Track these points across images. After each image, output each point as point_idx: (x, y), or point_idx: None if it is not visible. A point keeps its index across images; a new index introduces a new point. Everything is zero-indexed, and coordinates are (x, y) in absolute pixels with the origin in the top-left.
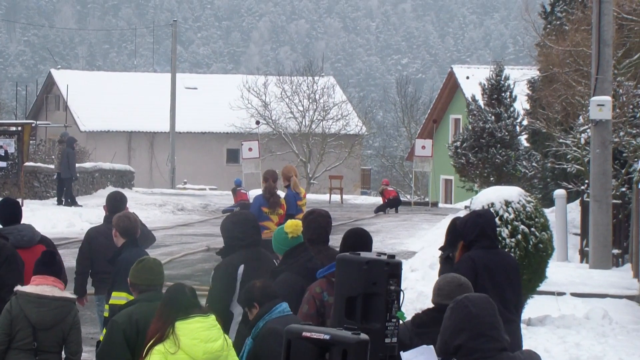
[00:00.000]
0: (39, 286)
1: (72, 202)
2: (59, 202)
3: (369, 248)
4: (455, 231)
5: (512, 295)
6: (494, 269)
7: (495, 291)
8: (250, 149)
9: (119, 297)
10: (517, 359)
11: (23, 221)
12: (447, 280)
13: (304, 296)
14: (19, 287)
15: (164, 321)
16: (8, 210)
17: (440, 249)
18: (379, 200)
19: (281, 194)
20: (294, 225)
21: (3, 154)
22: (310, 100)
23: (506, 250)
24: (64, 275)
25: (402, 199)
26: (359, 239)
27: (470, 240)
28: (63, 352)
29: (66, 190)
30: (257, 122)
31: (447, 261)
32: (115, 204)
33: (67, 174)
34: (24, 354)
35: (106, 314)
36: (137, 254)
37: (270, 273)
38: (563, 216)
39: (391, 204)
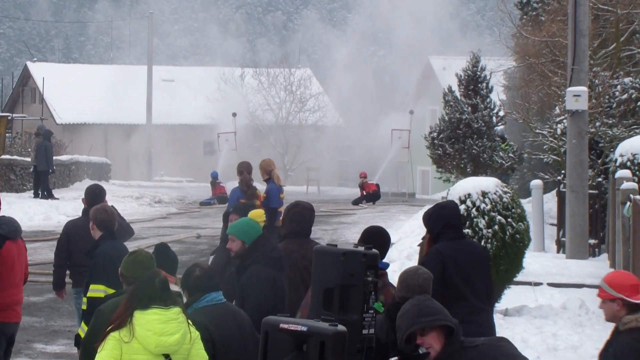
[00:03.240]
0: None
1: (48, 195)
2: (36, 195)
3: (386, 247)
4: None
5: (482, 285)
6: (461, 260)
7: (465, 282)
8: (226, 140)
9: (97, 290)
10: (476, 344)
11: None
12: (409, 274)
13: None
14: None
15: (126, 309)
16: None
17: (423, 238)
18: (356, 191)
19: (259, 186)
20: (260, 216)
21: None
22: (287, 92)
23: (482, 241)
24: None
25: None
26: (378, 238)
27: (436, 232)
28: None
29: (43, 183)
30: (234, 114)
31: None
32: (94, 196)
33: (44, 166)
34: None
35: (84, 306)
36: (115, 246)
37: (235, 266)
38: (540, 206)
39: (370, 197)
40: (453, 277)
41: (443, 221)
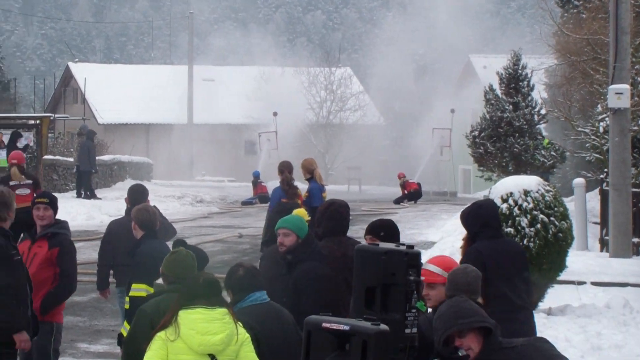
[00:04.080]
0: None
1: (91, 195)
2: (78, 195)
3: (396, 239)
4: None
5: (522, 283)
6: (500, 259)
7: (505, 281)
8: (268, 140)
9: (139, 289)
10: (514, 345)
11: None
12: (457, 273)
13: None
14: None
15: (173, 308)
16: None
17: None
18: (397, 190)
19: (301, 186)
20: (305, 214)
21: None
22: (328, 91)
23: (525, 240)
24: None
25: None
26: (387, 230)
27: (474, 232)
28: None
29: (85, 183)
30: (275, 114)
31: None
32: (137, 196)
33: (87, 166)
34: None
35: (127, 306)
36: (156, 246)
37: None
38: (582, 205)
39: (411, 196)
40: (493, 276)
41: (481, 220)
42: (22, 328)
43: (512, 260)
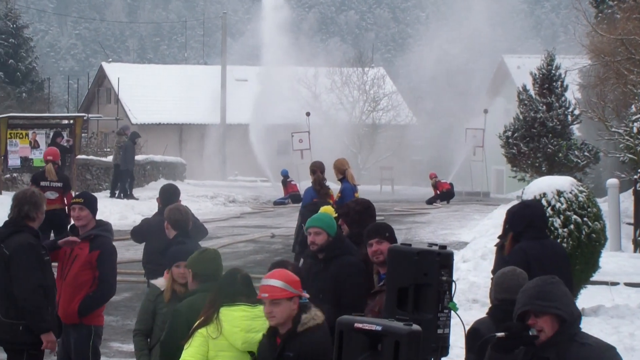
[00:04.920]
0: None
1: (128, 195)
2: (112, 195)
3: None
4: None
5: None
6: (545, 259)
7: None
8: (300, 140)
9: None
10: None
11: None
12: (507, 276)
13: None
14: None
15: (211, 305)
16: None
17: (499, 237)
18: (430, 190)
19: (333, 186)
20: (332, 212)
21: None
22: (361, 91)
23: (558, 240)
24: None
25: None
26: (391, 231)
27: (518, 231)
28: None
29: (122, 183)
30: (307, 114)
31: (500, 250)
32: (169, 196)
33: (126, 166)
34: None
35: None
36: (189, 246)
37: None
38: (616, 206)
39: (443, 196)
40: (536, 276)
41: (526, 220)
42: (50, 328)
43: (556, 261)
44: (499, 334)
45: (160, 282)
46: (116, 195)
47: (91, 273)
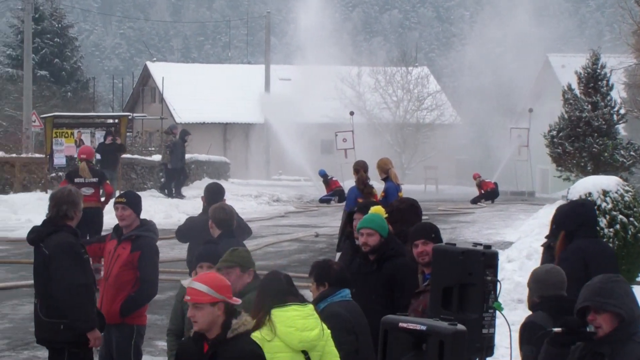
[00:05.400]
0: None
1: (173, 194)
2: (170, 195)
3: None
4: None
5: None
6: (600, 259)
7: None
8: (344, 140)
9: None
10: None
11: None
12: (549, 272)
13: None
14: None
15: (260, 308)
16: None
17: (546, 237)
18: (474, 190)
19: (376, 185)
20: (383, 212)
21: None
22: (404, 91)
23: (604, 240)
24: None
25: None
26: (437, 232)
27: (571, 230)
28: None
29: (175, 181)
30: (351, 113)
31: (548, 250)
32: (214, 195)
33: (175, 164)
34: None
35: None
36: (229, 244)
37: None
38: None
39: (488, 195)
40: (593, 275)
41: (580, 219)
42: (95, 326)
43: (609, 261)
44: (557, 329)
45: (188, 282)
46: (173, 194)
47: (133, 273)
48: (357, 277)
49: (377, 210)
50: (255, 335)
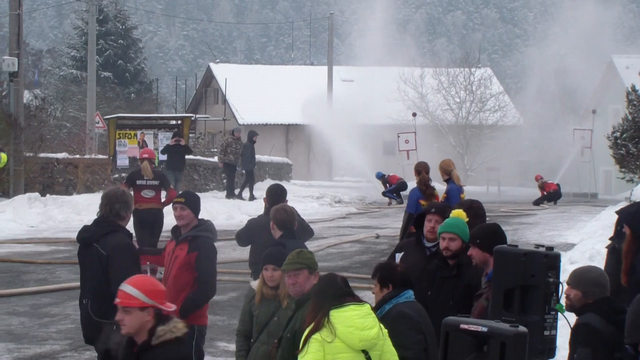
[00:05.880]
0: None
1: (234, 195)
2: (251, 198)
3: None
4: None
5: None
6: None
7: None
8: (406, 141)
9: None
10: None
11: None
12: (598, 273)
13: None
14: None
15: (318, 310)
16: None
17: (610, 239)
18: (537, 192)
19: (438, 187)
20: (465, 216)
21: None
22: (467, 92)
23: None
24: None
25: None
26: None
27: None
28: None
29: (250, 182)
30: (414, 114)
31: (613, 252)
32: (276, 196)
33: (247, 166)
34: None
35: None
36: (294, 246)
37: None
38: None
39: (550, 197)
40: None
41: None
42: None
43: None
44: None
45: (256, 284)
46: (250, 196)
47: (191, 274)
48: (434, 281)
49: (459, 214)
50: (316, 338)
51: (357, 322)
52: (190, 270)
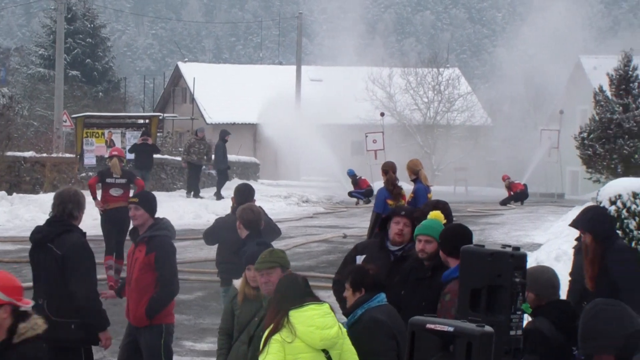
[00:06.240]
0: None
1: (199, 194)
2: (218, 197)
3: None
4: None
5: None
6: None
7: None
8: (374, 141)
9: None
10: None
11: None
12: (547, 272)
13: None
14: None
15: (278, 311)
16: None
17: (577, 239)
18: (504, 192)
19: (406, 186)
20: (442, 218)
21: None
22: (435, 92)
23: (633, 242)
24: None
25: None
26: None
27: (609, 234)
28: None
29: (223, 182)
30: (382, 114)
31: (579, 252)
32: (243, 195)
33: (220, 165)
34: None
35: None
36: (261, 246)
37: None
38: None
39: (517, 197)
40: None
41: (611, 222)
42: (108, 325)
43: None
44: None
45: (239, 283)
46: (216, 195)
47: (152, 275)
48: (408, 282)
49: (436, 216)
50: (276, 338)
51: (317, 321)
52: (151, 271)
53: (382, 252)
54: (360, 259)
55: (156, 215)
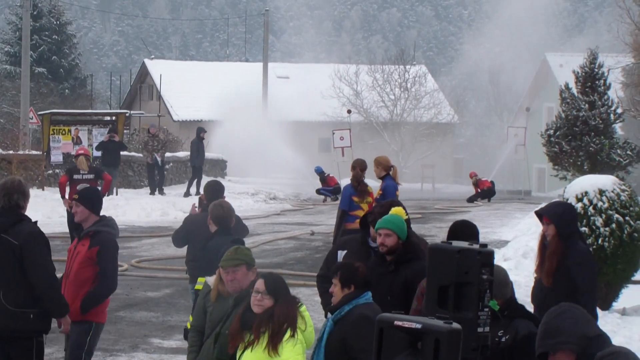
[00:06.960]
0: None
1: (160, 191)
2: (186, 194)
3: (476, 238)
4: None
5: None
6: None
7: None
8: (341, 138)
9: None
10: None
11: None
12: (497, 272)
13: (415, 293)
14: None
15: (291, 306)
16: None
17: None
18: (471, 189)
19: (372, 183)
20: (404, 213)
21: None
22: (402, 89)
23: (599, 239)
24: None
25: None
26: (466, 230)
27: (573, 231)
28: None
29: (197, 179)
30: (349, 111)
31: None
32: (214, 192)
33: (196, 162)
34: None
35: None
36: (226, 241)
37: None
38: None
39: (484, 194)
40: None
41: (576, 220)
42: (68, 312)
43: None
44: None
45: (212, 280)
46: (191, 193)
47: (92, 270)
48: (372, 277)
49: (398, 211)
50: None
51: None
52: (91, 266)
53: (363, 248)
54: (341, 255)
55: (102, 213)
